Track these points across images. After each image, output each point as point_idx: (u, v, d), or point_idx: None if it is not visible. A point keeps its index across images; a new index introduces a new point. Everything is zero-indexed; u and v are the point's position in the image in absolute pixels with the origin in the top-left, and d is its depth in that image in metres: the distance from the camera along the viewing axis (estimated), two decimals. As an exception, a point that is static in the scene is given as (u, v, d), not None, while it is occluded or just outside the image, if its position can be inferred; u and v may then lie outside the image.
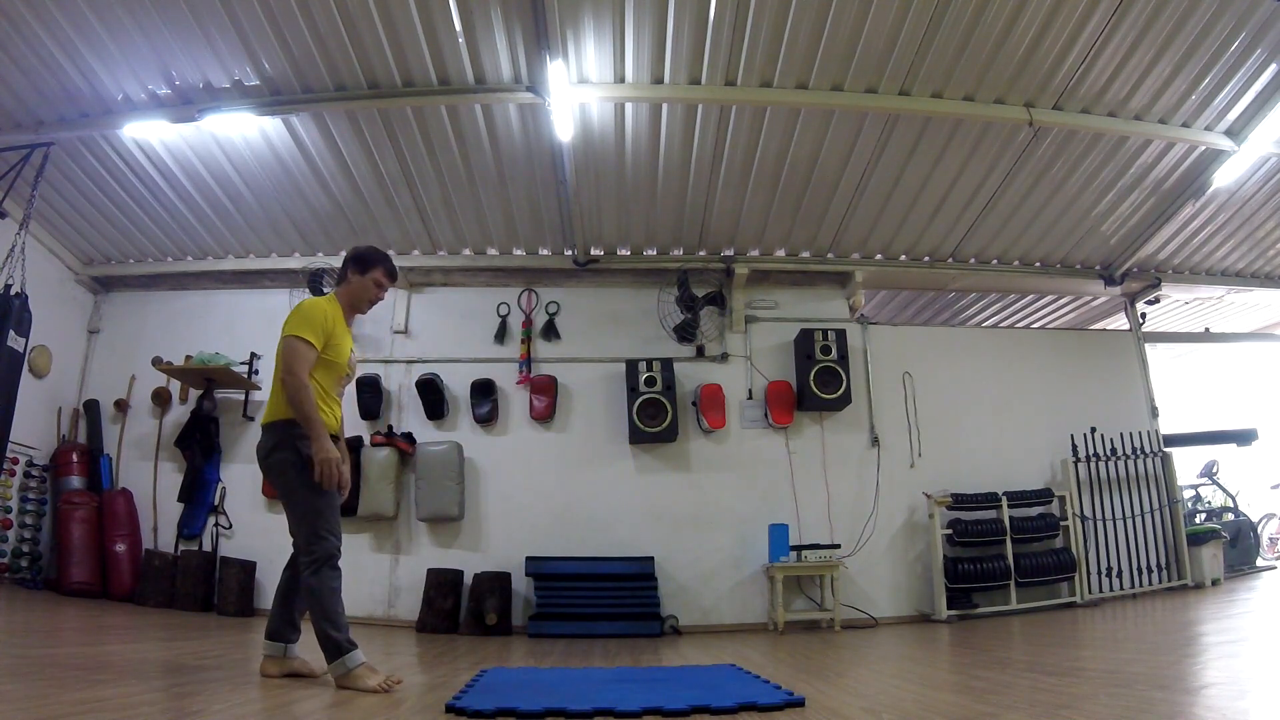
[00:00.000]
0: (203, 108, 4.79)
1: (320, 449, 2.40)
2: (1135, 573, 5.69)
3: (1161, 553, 5.79)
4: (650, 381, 5.59)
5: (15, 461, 5.27)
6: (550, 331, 6.01)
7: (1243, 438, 6.91)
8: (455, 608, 5.17)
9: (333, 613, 2.42)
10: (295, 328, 2.54)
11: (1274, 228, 6.13)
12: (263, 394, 5.88)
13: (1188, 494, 7.30)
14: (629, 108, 4.88)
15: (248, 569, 5.33)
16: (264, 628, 2.62)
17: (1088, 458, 5.86)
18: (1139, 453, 5.96)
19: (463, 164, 5.27)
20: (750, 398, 5.90)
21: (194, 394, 5.84)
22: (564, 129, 4.78)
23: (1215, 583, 5.76)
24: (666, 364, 5.67)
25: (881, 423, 5.90)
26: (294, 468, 2.48)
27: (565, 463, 5.71)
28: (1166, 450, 6.07)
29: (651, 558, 5.37)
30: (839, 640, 4.41)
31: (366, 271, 2.76)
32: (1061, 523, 5.59)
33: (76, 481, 5.48)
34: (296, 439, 2.49)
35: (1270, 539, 7.82)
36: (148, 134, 5.03)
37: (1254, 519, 7.11)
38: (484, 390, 5.78)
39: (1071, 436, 5.86)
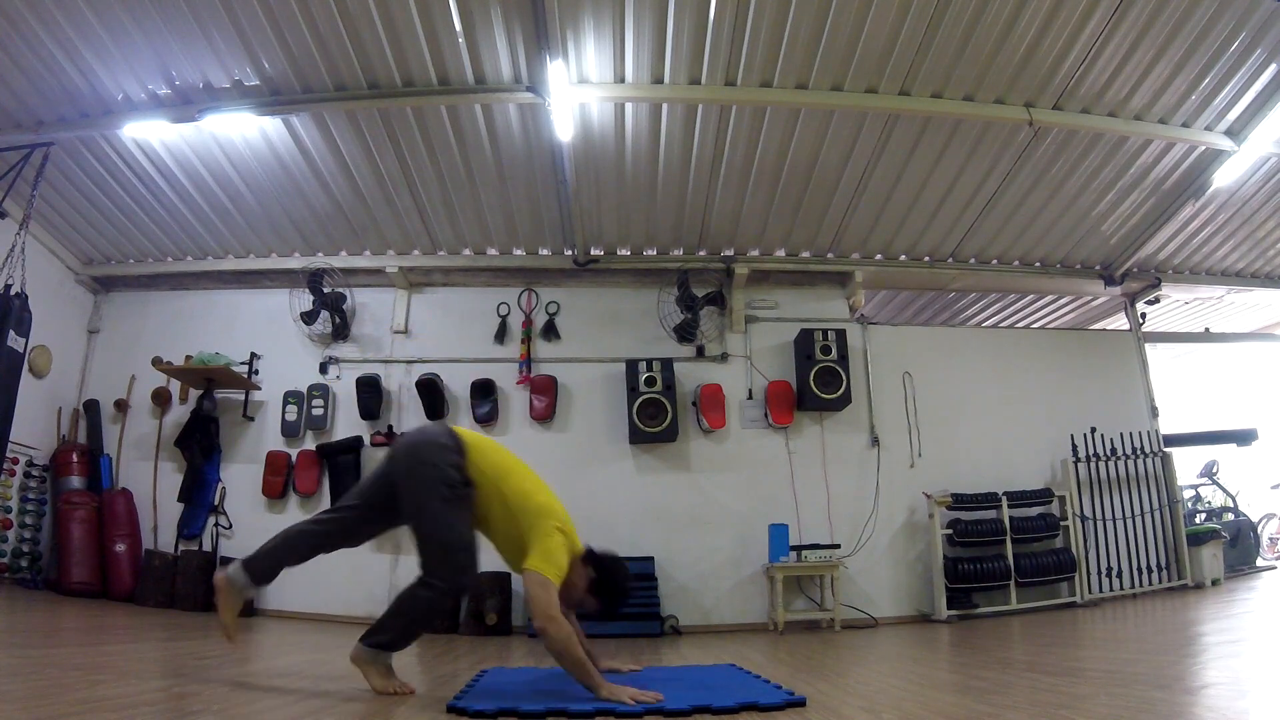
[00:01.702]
0: (203, 108, 4.79)
1: (603, 690, 2.12)
2: (1135, 573, 5.69)
3: (1161, 553, 5.80)
4: (650, 381, 5.60)
5: (15, 461, 5.27)
6: (550, 331, 6.01)
7: (1243, 438, 6.92)
8: (455, 608, 5.16)
9: (415, 630, 2.42)
10: (550, 570, 2.28)
11: (1274, 228, 6.13)
12: (263, 393, 5.89)
13: (1188, 494, 7.30)
14: (629, 108, 4.88)
15: (248, 569, 5.32)
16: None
17: (1088, 458, 5.86)
18: (1139, 453, 5.96)
19: (463, 164, 5.27)
20: (750, 398, 5.90)
21: (194, 394, 5.84)
22: (564, 129, 4.78)
23: (1215, 583, 5.76)
24: (666, 364, 5.67)
25: (881, 423, 5.90)
26: (460, 489, 2.37)
27: (565, 463, 5.71)
28: (1166, 450, 6.07)
29: (651, 558, 5.37)
30: (839, 640, 4.40)
31: (595, 593, 2.45)
32: (1061, 523, 5.59)
33: (76, 481, 5.48)
34: (458, 471, 2.39)
35: (1270, 539, 7.83)
36: (148, 134, 5.03)
37: (1254, 519, 7.11)
38: (484, 390, 5.78)
39: (1071, 436, 5.86)
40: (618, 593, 2.48)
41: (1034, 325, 7.79)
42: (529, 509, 2.41)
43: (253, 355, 5.90)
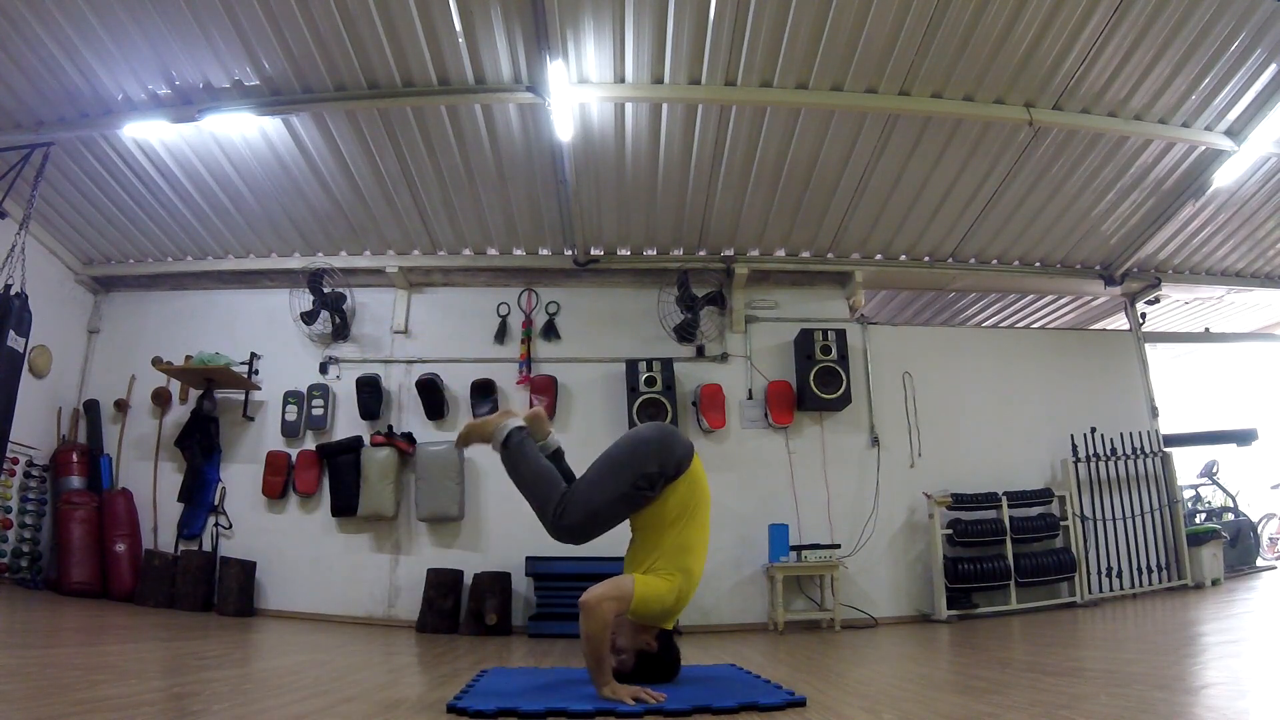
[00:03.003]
0: (203, 108, 4.79)
1: (605, 689, 2.17)
2: (1135, 573, 5.69)
3: (1161, 553, 5.79)
4: (650, 381, 5.59)
5: (15, 461, 5.27)
6: (550, 331, 6.01)
7: (1243, 438, 6.91)
8: (455, 608, 5.17)
9: (523, 475, 2.62)
10: (639, 592, 2.34)
11: (1274, 228, 6.13)
12: (263, 393, 5.90)
13: (1188, 494, 7.30)
14: (629, 108, 4.88)
15: (248, 569, 5.32)
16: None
17: (1088, 458, 5.86)
18: (1139, 453, 5.96)
19: (463, 164, 5.27)
20: (750, 398, 5.90)
21: (194, 394, 5.84)
22: (564, 129, 4.78)
23: (1215, 583, 5.76)
24: (666, 364, 5.67)
25: (881, 423, 5.90)
26: (639, 491, 2.48)
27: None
28: (1166, 450, 6.06)
29: (651, 558, 5.36)
30: (839, 640, 4.40)
31: (640, 656, 2.45)
32: (1061, 523, 5.59)
33: (76, 481, 5.48)
34: (658, 480, 2.51)
35: (1270, 539, 7.82)
36: (148, 134, 5.03)
37: (1254, 519, 7.11)
38: (484, 390, 5.78)
39: (1071, 436, 5.86)
40: (652, 675, 2.44)
41: (1034, 325, 7.79)
42: (675, 557, 2.45)
43: (253, 355, 5.90)
